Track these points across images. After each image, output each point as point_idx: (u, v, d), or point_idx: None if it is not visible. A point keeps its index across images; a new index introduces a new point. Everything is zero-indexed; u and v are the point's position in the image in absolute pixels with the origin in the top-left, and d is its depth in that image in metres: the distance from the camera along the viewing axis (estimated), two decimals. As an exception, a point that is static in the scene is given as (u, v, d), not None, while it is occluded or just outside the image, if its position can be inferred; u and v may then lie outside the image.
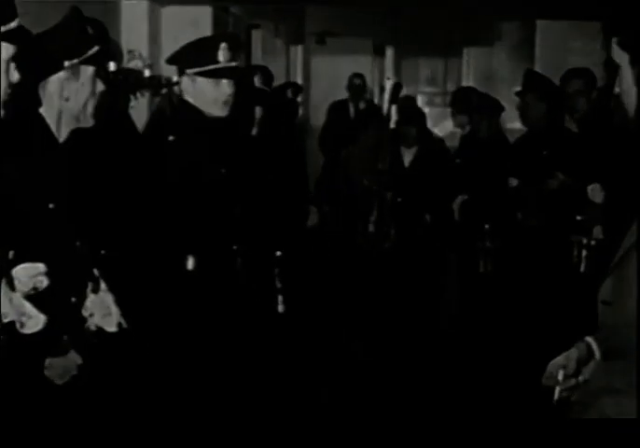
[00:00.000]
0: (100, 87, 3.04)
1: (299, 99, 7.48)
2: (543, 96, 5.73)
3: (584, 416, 2.25)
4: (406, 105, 7.69)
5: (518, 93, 5.91)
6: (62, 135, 2.99)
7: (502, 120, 6.80)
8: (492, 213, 6.06)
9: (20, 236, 2.71)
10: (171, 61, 3.96)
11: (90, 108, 3.02)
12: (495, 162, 6.10)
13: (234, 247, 3.88)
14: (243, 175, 4.08)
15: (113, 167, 4.01)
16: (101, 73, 3.18)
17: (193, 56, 3.85)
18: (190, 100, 3.87)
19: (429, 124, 7.75)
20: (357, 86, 9.36)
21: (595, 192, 4.82)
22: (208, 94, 3.84)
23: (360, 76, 9.55)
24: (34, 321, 2.47)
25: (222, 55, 3.84)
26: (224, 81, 3.84)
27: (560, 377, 2.41)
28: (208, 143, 3.88)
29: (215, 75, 3.83)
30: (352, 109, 9.27)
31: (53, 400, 2.81)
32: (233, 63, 3.90)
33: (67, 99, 2.95)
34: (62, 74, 2.95)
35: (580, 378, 2.40)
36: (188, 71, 3.85)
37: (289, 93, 6.79)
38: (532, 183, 5.60)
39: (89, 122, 3.06)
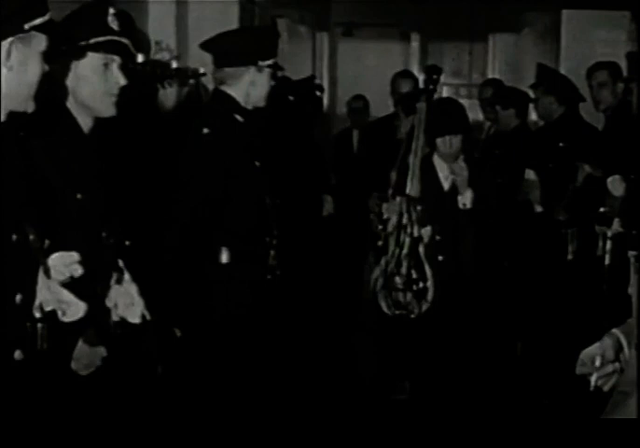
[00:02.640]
0: (121, 80, 3.05)
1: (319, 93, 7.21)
2: (553, 90, 5.83)
3: (626, 405, 2.27)
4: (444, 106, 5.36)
5: (531, 87, 6.04)
6: (83, 125, 3.02)
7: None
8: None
9: (52, 226, 2.75)
10: (250, 54, 3.97)
11: (102, 97, 3.02)
12: (522, 154, 6.11)
13: (267, 240, 3.92)
14: (275, 167, 4.10)
15: (141, 159, 4.05)
16: (128, 65, 3.21)
17: (268, 48, 4.00)
18: (227, 90, 3.93)
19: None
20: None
21: (615, 184, 4.81)
22: (268, 85, 3.96)
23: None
24: (75, 309, 2.50)
25: None
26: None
27: (597, 363, 2.43)
28: (243, 135, 3.92)
29: (275, 67, 3.98)
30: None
31: (76, 391, 2.85)
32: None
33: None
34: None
35: (617, 365, 2.43)
36: (261, 63, 3.91)
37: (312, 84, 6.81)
38: (551, 175, 5.63)
39: (108, 112, 3.07)
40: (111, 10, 3.08)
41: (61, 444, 2.65)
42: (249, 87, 3.91)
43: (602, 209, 4.92)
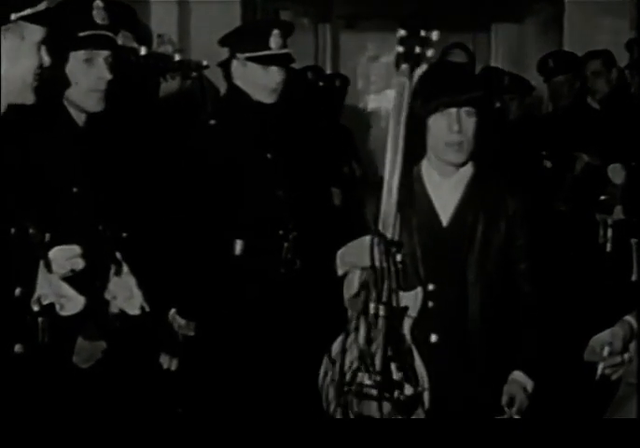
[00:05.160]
0: (107, 75, 3.04)
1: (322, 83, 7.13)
2: (575, 76, 5.79)
3: (634, 399, 2.28)
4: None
5: (548, 72, 5.98)
6: (77, 119, 3.02)
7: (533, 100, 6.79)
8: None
9: (51, 220, 2.75)
10: (222, 42, 3.99)
11: (85, 92, 3.03)
12: (525, 143, 6.09)
13: (280, 233, 3.91)
14: (288, 160, 4.08)
15: (141, 151, 4.06)
16: (118, 59, 3.20)
17: (245, 40, 3.89)
18: (240, 84, 3.91)
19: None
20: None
21: (616, 172, 4.81)
22: (257, 80, 3.88)
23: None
24: (74, 303, 2.51)
25: (274, 41, 3.87)
26: (274, 68, 3.87)
27: (605, 353, 2.44)
28: (253, 128, 3.91)
29: (266, 61, 3.86)
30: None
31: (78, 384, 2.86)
32: (285, 50, 3.92)
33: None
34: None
35: (626, 356, 2.43)
36: (239, 55, 3.89)
37: (310, 76, 6.80)
38: (561, 164, 5.60)
39: (95, 107, 3.06)
40: (99, 3, 3.05)
41: (63, 439, 2.65)
42: (243, 80, 3.91)
43: (602, 197, 4.91)
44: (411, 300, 2.92)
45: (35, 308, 2.44)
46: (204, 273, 3.78)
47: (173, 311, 3.77)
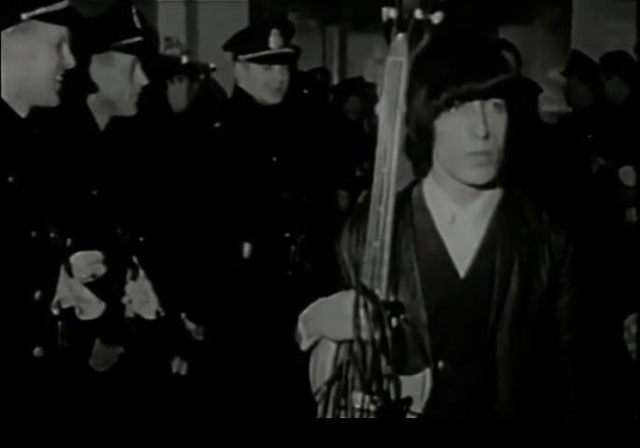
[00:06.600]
0: (143, 81, 3.08)
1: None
2: (587, 77, 5.79)
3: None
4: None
5: (563, 73, 6.00)
6: (100, 122, 3.06)
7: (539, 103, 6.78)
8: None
9: (72, 224, 2.76)
10: (225, 48, 4.01)
11: (127, 97, 3.07)
12: (534, 146, 6.06)
13: (287, 235, 3.91)
14: (294, 163, 4.08)
15: (153, 154, 4.07)
16: (146, 65, 3.23)
17: (245, 42, 3.89)
18: (244, 87, 3.92)
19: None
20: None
21: (627, 175, 4.81)
22: (260, 80, 3.88)
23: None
24: (94, 308, 2.52)
25: (273, 41, 3.87)
26: (276, 67, 3.88)
27: None
28: (259, 131, 3.91)
29: (266, 60, 3.86)
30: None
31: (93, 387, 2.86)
32: (286, 49, 3.92)
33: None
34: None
35: None
36: (241, 57, 3.90)
37: (318, 77, 6.82)
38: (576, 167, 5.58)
39: (130, 111, 3.11)
40: (133, 10, 3.11)
41: (77, 440, 2.67)
42: (247, 82, 3.92)
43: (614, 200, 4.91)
44: (417, 388, 1.97)
45: (55, 312, 2.44)
46: (213, 277, 3.79)
47: (183, 315, 3.77)
